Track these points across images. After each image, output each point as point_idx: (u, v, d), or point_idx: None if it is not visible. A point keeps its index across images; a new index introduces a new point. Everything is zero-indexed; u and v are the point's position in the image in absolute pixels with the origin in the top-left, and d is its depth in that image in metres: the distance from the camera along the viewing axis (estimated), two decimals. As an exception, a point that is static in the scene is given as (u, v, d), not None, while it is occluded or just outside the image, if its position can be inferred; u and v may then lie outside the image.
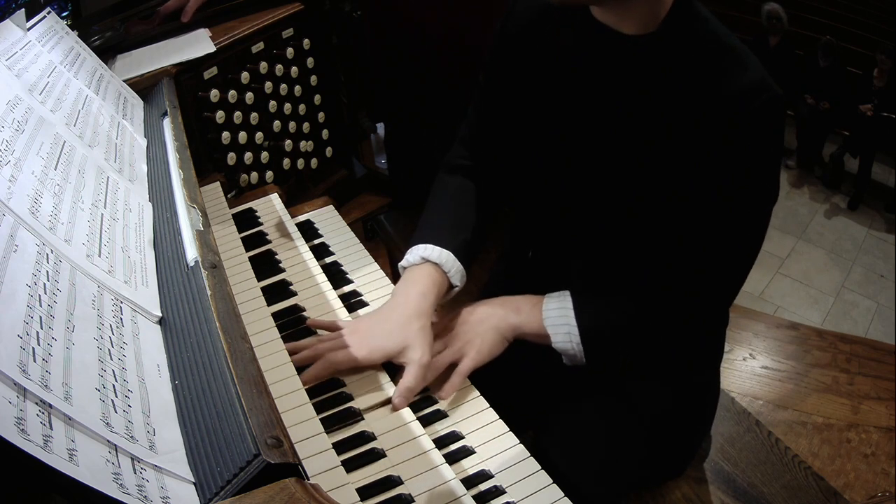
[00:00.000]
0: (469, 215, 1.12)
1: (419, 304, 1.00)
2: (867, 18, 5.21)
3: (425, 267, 1.04)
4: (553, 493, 0.87)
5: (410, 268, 1.05)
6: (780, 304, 3.86)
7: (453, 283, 1.06)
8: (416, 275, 1.04)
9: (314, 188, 1.58)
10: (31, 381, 0.51)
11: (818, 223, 4.59)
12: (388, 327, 0.98)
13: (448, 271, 1.05)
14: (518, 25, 1.04)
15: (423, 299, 1.01)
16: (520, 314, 1.04)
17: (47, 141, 0.83)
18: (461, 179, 1.16)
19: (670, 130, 0.91)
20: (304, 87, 1.50)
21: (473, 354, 1.01)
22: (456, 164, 1.18)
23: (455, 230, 1.08)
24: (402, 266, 1.07)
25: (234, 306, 0.74)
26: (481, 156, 1.16)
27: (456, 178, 1.17)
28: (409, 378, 0.95)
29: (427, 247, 1.05)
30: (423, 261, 1.05)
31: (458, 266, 1.06)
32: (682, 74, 0.89)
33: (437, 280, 1.04)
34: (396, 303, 1.02)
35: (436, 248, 1.05)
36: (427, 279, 1.03)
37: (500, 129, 1.12)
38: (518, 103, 1.06)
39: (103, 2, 1.53)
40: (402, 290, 1.03)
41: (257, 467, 0.55)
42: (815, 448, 1.32)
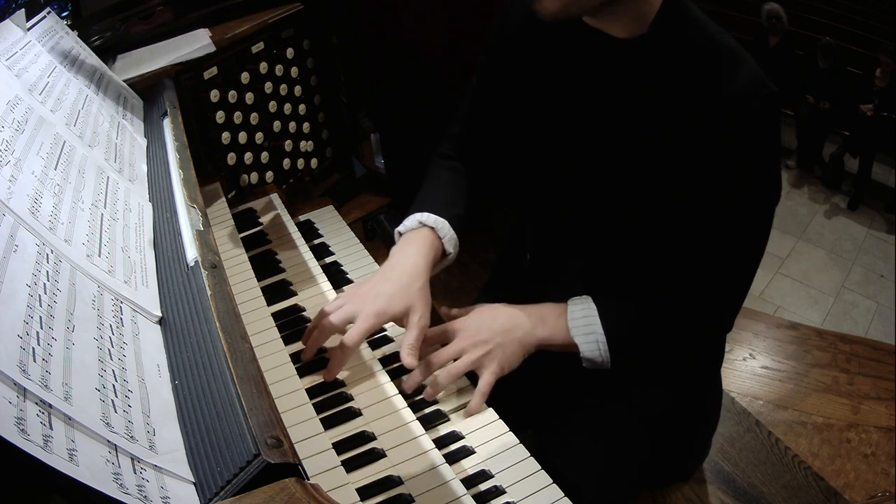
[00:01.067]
0: (462, 196, 1.13)
1: (417, 263, 1.01)
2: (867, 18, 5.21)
3: (422, 231, 1.06)
4: (553, 493, 0.87)
5: (407, 232, 1.07)
6: (780, 304, 3.86)
7: (447, 250, 1.07)
8: (413, 237, 1.05)
9: (314, 188, 1.57)
10: (31, 381, 0.51)
11: (818, 223, 4.59)
12: (390, 289, 0.98)
13: (443, 237, 1.06)
14: (512, 29, 1.04)
15: (422, 259, 1.02)
16: (546, 325, 1.03)
17: (47, 141, 0.83)
18: (454, 163, 1.18)
19: (666, 132, 0.90)
20: (304, 87, 1.50)
21: (494, 368, 0.99)
22: (446, 153, 1.20)
23: (449, 205, 1.10)
24: (398, 231, 1.09)
25: (234, 306, 0.74)
26: (469, 155, 1.18)
27: (449, 161, 1.19)
28: (410, 337, 0.96)
29: (423, 213, 1.07)
30: (419, 225, 1.06)
31: (452, 233, 1.07)
32: (675, 75, 0.88)
33: (434, 243, 1.05)
34: (395, 263, 1.02)
35: (431, 215, 1.06)
36: (424, 240, 1.04)
37: (493, 131, 1.13)
38: (513, 106, 1.06)
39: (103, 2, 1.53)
40: (400, 251, 1.04)
41: (257, 467, 0.55)
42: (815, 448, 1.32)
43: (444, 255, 1.08)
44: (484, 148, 1.16)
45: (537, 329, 1.03)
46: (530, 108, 1.04)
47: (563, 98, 0.99)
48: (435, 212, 1.07)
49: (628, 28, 0.89)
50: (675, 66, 0.88)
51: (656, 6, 0.88)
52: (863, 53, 5.00)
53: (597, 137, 0.97)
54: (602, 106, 0.95)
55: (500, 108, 1.09)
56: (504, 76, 1.07)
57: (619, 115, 0.93)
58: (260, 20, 1.39)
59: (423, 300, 0.99)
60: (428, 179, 1.18)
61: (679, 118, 0.89)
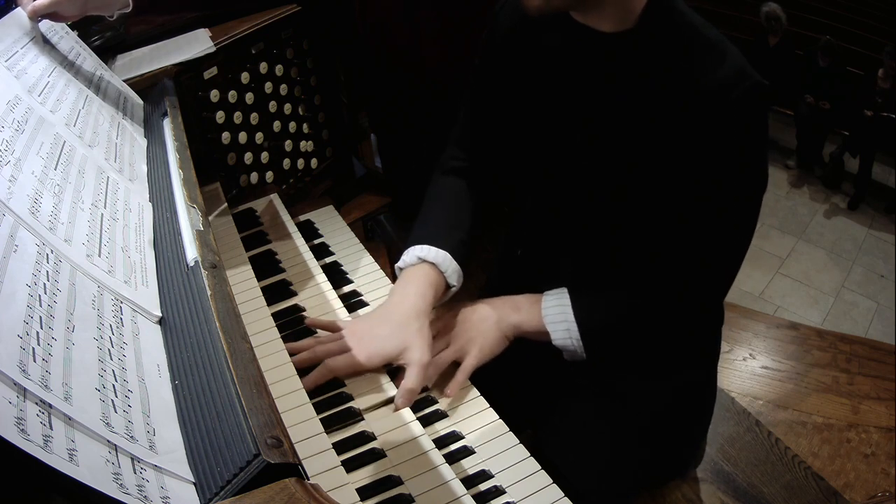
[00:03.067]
0: (464, 215, 1.12)
1: (417, 304, 1.00)
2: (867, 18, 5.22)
3: (422, 267, 1.04)
4: (553, 493, 0.87)
5: (407, 268, 1.05)
6: (780, 304, 3.86)
7: (450, 284, 1.06)
8: (414, 275, 1.04)
9: (314, 188, 1.57)
10: (31, 381, 0.51)
11: (818, 223, 4.59)
12: (386, 330, 0.98)
13: (445, 271, 1.05)
14: (504, 28, 1.05)
15: (421, 299, 1.01)
16: (519, 312, 1.05)
17: (47, 141, 0.83)
18: (455, 180, 1.17)
19: (653, 124, 0.91)
20: (304, 87, 1.50)
21: (476, 352, 1.02)
22: (450, 166, 1.18)
23: (451, 230, 1.08)
24: (398, 267, 1.08)
25: (234, 306, 0.74)
26: (476, 155, 1.17)
27: (450, 179, 1.17)
28: (410, 379, 0.94)
29: (423, 247, 1.05)
30: (419, 261, 1.05)
31: (454, 266, 1.06)
32: (661, 69, 0.89)
33: (435, 280, 1.04)
34: (394, 303, 1.02)
35: (432, 249, 1.05)
36: (424, 279, 1.03)
37: (491, 130, 1.13)
38: (507, 105, 1.07)
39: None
40: (400, 291, 1.03)
41: (257, 467, 0.55)
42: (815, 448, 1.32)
43: (448, 288, 1.07)
44: (489, 147, 1.16)
45: (510, 315, 1.05)
46: (522, 106, 1.05)
47: (552, 97, 1.00)
48: (436, 243, 1.05)
49: (615, 23, 0.90)
50: (662, 59, 0.89)
51: (642, 1, 0.88)
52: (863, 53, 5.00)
53: (586, 132, 0.97)
54: (590, 100, 0.96)
55: (496, 105, 1.10)
56: (497, 78, 1.07)
57: (608, 109, 0.94)
58: (260, 20, 1.39)
59: (421, 338, 0.97)
60: (427, 202, 1.16)
61: (665, 110, 0.90)
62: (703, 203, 0.93)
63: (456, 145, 1.19)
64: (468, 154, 1.17)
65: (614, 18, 0.89)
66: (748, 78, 0.87)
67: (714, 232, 0.96)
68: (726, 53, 0.88)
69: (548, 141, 1.03)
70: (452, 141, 1.20)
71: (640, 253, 1.02)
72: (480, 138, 1.16)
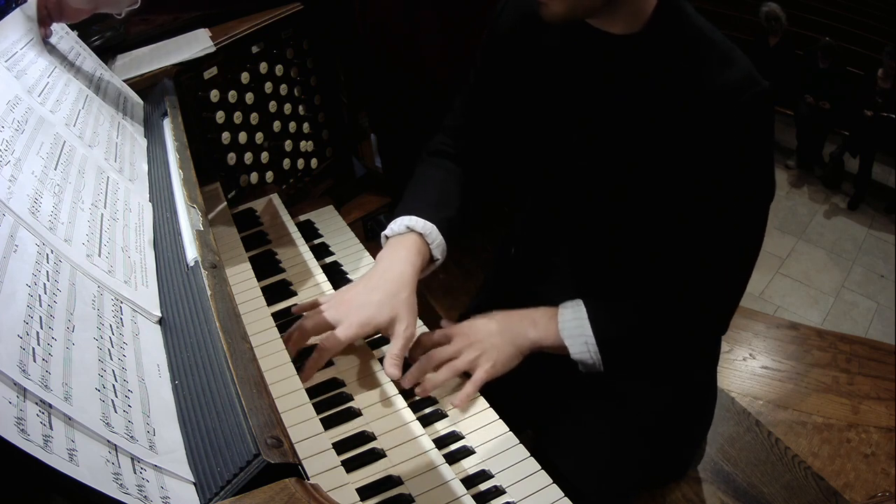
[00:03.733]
0: (453, 196, 1.12)
1: (405, 271, 1.01)
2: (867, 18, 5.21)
3: (410, 236, 1.05)
4: (553, 493, 0.87)
5: (394, 236, 1.06)
6: (780, 304, 3.86)
7: (434, 256, 1.06)
8: (401, 243, 1.04)
9: (314, 188, 1.57)
10: (31, 381, 0.51)
11: (818, 223, 4.59)
12: (376, 297, 0.98)
13: (431, 242, 1.05)
14: (508, 25, 1.04)
15: (410, 266, 1.01)
16: (537, 328, 1.04)
17: (47, 141, 0.83)
18: (444, 161, 1.17)
19: (658, 127, 0.91)
20: (304, 87, 1.49)
21: (488, 367, 1.00)
22: (438, 149, 1.18)
23: (439, 207, 1.09)
24: (385, 235, 1.07)
25: (234, 306, 0.74)
26: (465, 148, 1.17)
27: (438, 160, 1.17)
28: (395, 347, 0.96)
29: (411, 217, 1.05)
30: (407, 230, 1.05)
31: (440, 239, 1.06)
32: (669, 72, 0.89)
33: (421, 249, 1.04)
34: (382, 270, 1.02)
35: (419, 219, 1.05)
36: (412, 247, 1.03)
37: (488, 127, 1.13)
38: (508, 102, 1.07)
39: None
40: (388, 258, 1.03)
41: (257, 467, 0.55)
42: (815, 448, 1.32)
43: (432, 261, 1.07)
44: (480, 142, 1.15)
45: (529, 331, 1.04)
46: (525, 104, 1.04)
47: (558, 93, 0.99)
48: (423, 215, 1.06)
49: (625, 25, 0.90)
50: (670, 62, 0.89)
51: (652, 4, 0.89)
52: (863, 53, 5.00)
53: (590, 133, 0.97)
54: (596, 101, 0.96)
55: (495, 104, 1.09)
56: (498, 73, 1.07)
57: (613, 110, 0.94)
58: (260, 20, 1.39)
59: (409, 310, 0.98)
60: (417, 178, 1.16)
61: (671, 113, 0.90)
62: (708, 208, 0.93)
63: (446, 134, 1.19)
64: (456, 144, 1.18)
65: (624, 21, 0.90)
66: (756, 83, 0.87)
67: (721, 238, 0.95)
68: (734, 58, 0.88)
69: (550, 141, 1.03)
70: (443, 129, 1.20)
71: (641, 256, 1.01)
72: (471, 133, 1.15)
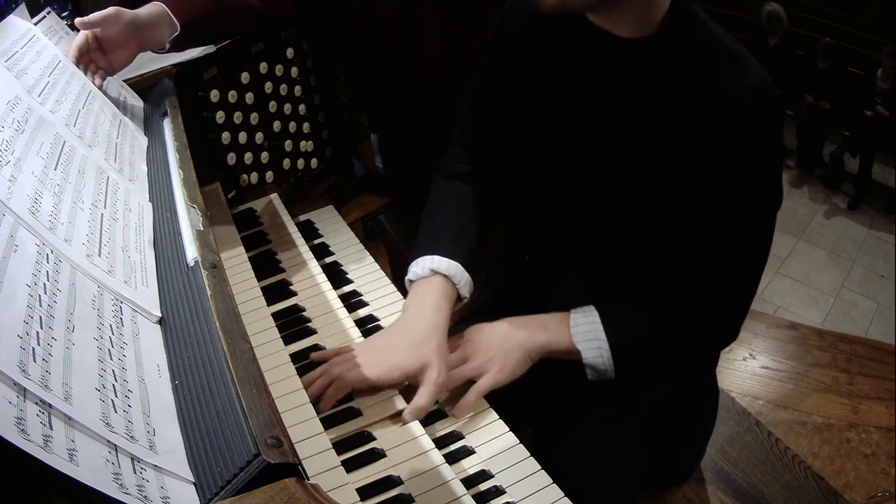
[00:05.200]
0: (471, 223, 1.10)
1: (435, 318, 0.98)
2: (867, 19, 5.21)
3: (435, 279, 1.02)
4: (553, 493, 0.87)
5: (419, 281, 1.03)
6: (780, 304, 3.86)
7: (462, 295, 1.04)
8: (428, 288, 1.01)
9: (314, 188, 1.57)
10: (31, 381, 0.51)
11: (818, 223, 4.59)
12: (406, 344, 0.96)
13: (458, 283, 1.03)
14: (513, 27, 1.03)
15: (439, 313, 0.99)
16: (548, 332, 1.02)
17: (47, 141, 0.83)
18: (459, 185, 1.14)
19: (670, 133, 0.90)
20: (304, 87, 1.49)
21: (494, 373, 0.98)
22: (452, 170, 1.16)
23: (459, 240, 1.06)
24: (409, 280, 1.05)
25: (234, 306, 0.74)
26: (479, 156, 1.16)
27: (454, 184, 1.15)
28: (423, 398, 0.93)
29: (434, 258, 1.03)
30: (432, 273, 1.02)
31: (466, 277, 1.04)
32: (681, 77, 0.88)
33: (449, 292, 1.02)
34: (411, 317, 0.99)
35: (444, 260, 1.02)
36: (439, 291, 1.01)
37: (496, 131, 1.12)
38: (514, 106, 1.06)
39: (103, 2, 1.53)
40: (415, 304, 1.01)
41: (257, 467, 0.55)
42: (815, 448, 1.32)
43: (460, 300, 1.05)
44: (492, 148, 1.14)
45: (539, 335, 1.01)
46: (533, 106, 1.04)
47: (562, 100, 0.99)
48: (446, 253, 1.03)
49: (636, 29, 0.89)
50: (682, 67, 0.88)
51: (664, 7, 0.88)
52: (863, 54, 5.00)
53: (597, 140, 0.97)
54: (607, 106, 0.95)
55: (501, 107, 1.09)
56: (503, 75, 1.06)
57: (624, 116, 0.93)
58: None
59: (440, 357, 0.95)
60: (432, 208, 1.13)
61: (683, 120, 0.89)
62: (718, 213, 0.92)
63: (458, 145, 1.18)
64: (471, 154, 1.16)
65: (634, 24, 0.88)
66: (770, 90, 0.86)
67: (731, 244, 0.94)
68: (747, 65, 0.87)
69: (555, 143, 1.02)
70: (454, 141, 1.18)
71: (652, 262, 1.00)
72: (483, 137, 1.14)
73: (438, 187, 1.16)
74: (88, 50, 1.09)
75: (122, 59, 1.13)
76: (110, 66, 1.13)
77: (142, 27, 1.12)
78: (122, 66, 1.14)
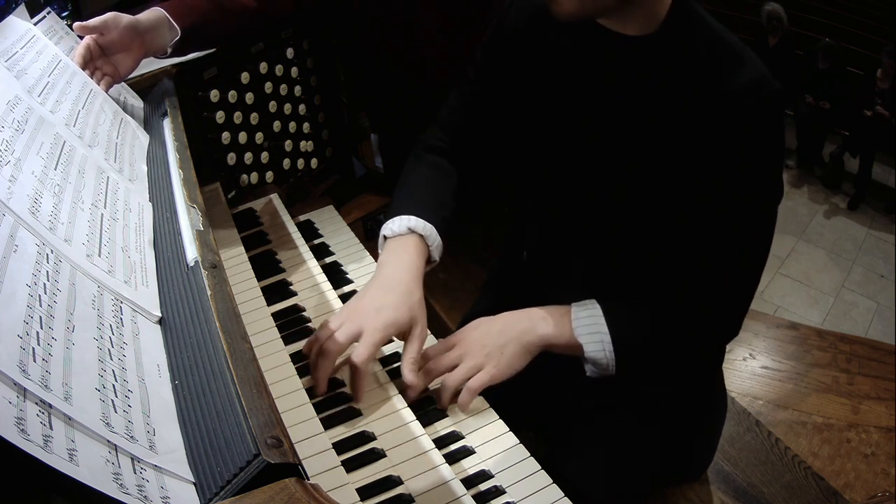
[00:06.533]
0: (448, 195, 1.11)
1: (412, 273, 0.99)
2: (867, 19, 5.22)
3: (411, 237, 1.03)
4: (553, 493, 0.87)
5: (395, 237, 1.04)
6: (780, 304, 3.86)
7: (433, 258, 1.06)
8: (404, 244, 1.03)
9: (314, 188, 1.57)
10: (31, 381, 0.51)
11: (818, 223, 4.59)
12: (392, 299, 0.96)
13: (431, 244, 1.04)
14: (515, 24, 1.03)
15: (416, 269, 1.00)
16: (548, 324, 1.01)
17: (47, 141, 0.83)
18: (438, 158, 1.15)
19: (672, 129, 0.91)
20: (304, 87, 1.50)
21: (490, 369, 0.97)
22: (432, 145, 1.17)
23: (436, 206, 1.07)
24: (384, 235, 1.05)
25: (234, 306, 0.74)
26: (460, 146, 1.16)
27: (433, 157, 1.16)
28: (413, 350, 0.95)
29: (412, 218, 1.03)
30: (408, 231, 1.03)
31: (439, 241, 1.05)
32: (683, 74, 0.89)
33: (422, 251, 1.03)
34: (391, 273, 1.00)
35: (420, 220, 1.03)
36: (414, 248, 1.02)
37: (487, 126, 1.12)
38: (513, 102, 1.06)
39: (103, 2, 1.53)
40: (392, 260, 1.01)
41: (257, 467, 0.55)
42: (815, 448, 1.32)
43: (429, 262, 1.06)
44: (477, 141, 1.14)
45: (538, 327, 1.00)
46: (533, 104, 1.04)
47: (568, 96, 0.99)
48: (423, 215, 1.04)
49: (639, 26, 0.90)
50: (683, 64, 0.89)
51: (667, 5, 0.88)
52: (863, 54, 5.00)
53: (599, 137, 0.97)
54: (607, 102, 0.95)
55: (498, 104, 1.09)
56: (503, 73, 1.06)
57: (625, 114, 0.93)
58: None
59: (423, 311, 0.97)
60: (412, 175, 1.14)
61: (684, 117, 0.89)
62: (720, 208, 0.92)
63: (440, 128, 1.18)
64: (451, 140, 1.16)
65: (638, 22, 0.89)
66: (769, 84, 0.87)
67: (733, 238, 0.94)
68: (748, 60, 0.88)
69: (555, 142, 1.02)
70: (437, 123, 1.18)
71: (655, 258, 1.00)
72: (468, 131, 1.14)
73: (418, 156, 1.17)
74: (92, 57, 1.10)
75: (127, 64, 1.14)
76: (116, 73, 1.13)
77: (142, 31, 1.12)
78: (128, 71, 1.15)
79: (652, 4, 0.88)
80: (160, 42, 1.15)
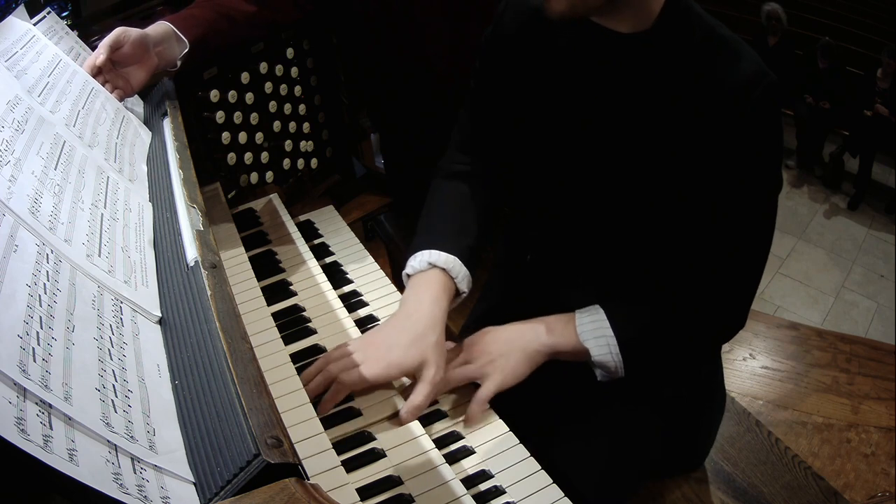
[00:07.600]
0: (471, 221, 1.09)
1: (433, 312, 0.97)
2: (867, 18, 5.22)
3: (433, 273, 1.01)
4: (553, 493, 0.87)
5: (417, 274, 1.02)
6: (780, 304, 3.86)
7: (460, 290, 1.03)
8: (426, 281, 1.00)
9: (314, 188, 1.57)
10: (31, 381, 0.51)
11: (818, 223, 4.59)
12: (405, 339, 0.95)
13: (455, 276, 1.01)
14: (510, 27, 1.03)
15: (437, 306, 0.98)
16: (553, 333, 1.00)
17: (47, 141, 0.83)
18: (459, 184, 1.14)
19: (669, 125, 0.91)
20: (304, 87, 1.49)
21: (496, 377, 0.97)
22: (452, 171, 1.15)
23: (459, 235, 1.05)
24: (406, 273, 1.04)
25: (234, 306, 0.74)
26: (480, 158, 1.15)
27: (454, 184, 1.14)
28: (419, 396, 0.92)
29: (432, 252, 1.02)
30: (430, 266, 1.01)
31: (464, 271, 1.03)
32: (679, 70, 0.89)
33: (447, 286, 1.01)
34: (409, 311, 0.98)
35: (441, 253, 1.01)
36: (437, 285, 1.00)
37: (495, 133, 1.12)
38: (512, 106, 1.05)
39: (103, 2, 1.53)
40: (413, 298, 1.00)
41: (257, 467, 0.55)
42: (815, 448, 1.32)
43: (458, 295, 1.04)
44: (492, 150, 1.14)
45: (543, 336, 1.00)
46: (527, 109, 1.04)
47: (562, 98, 0.99)
48: (444, 248, 1.02)
49: (633, 24, 0.90)
50: (679, 59, 0.89)
51: (660, 2, 0.88)
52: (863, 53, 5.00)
53: (597, 136, 0.97)
54: (605, 101, 0.95)
55: (498, 111, 1.09)
56: (501, 75, 1.06)
57: (623, 110, 0.93)
58: (260, 20, 1.38)
59: (438, 354, 0.95)
60: (432, 204, 1.12)
61: (682, 111, 0.89)
62: (722, 203, 0.92)
63: (458, 150, 1.17)
64: (471, 158, 1.15)
65: (632, 20, 0.89)
66: (766, 76, 0.87)
67: (736, 231, 0.94)
68: (743, 53, 0.88)
69: (557, 142, 1.02)
70: (453, 145, 1.18)
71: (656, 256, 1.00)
72: (483, 141, 1.14)
73: (438, 186, 1.15)
74: (102, 71, 1.10)
75: (139, 77, 1.14)
76: (128, 86, 1.14)
77: (152, 44, 1.13)
78: (140, 84, 1.15)
79: (645, 1, 0.88)
80: (170, 55, 1.16)
